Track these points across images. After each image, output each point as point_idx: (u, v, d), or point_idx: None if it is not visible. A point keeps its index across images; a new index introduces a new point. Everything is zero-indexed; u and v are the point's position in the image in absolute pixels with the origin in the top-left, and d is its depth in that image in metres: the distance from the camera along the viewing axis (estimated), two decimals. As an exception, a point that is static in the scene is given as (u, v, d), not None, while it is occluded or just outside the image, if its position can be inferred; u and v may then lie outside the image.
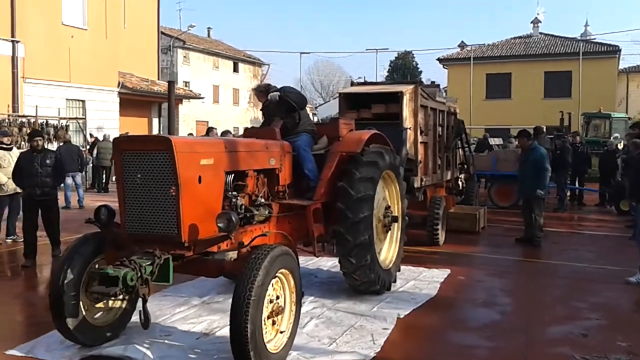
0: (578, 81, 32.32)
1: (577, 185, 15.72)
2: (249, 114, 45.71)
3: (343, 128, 6.78)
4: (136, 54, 25.35)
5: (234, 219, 4.58)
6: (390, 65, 40.84)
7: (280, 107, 6.77)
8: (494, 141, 19.26)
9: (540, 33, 36.97)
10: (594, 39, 32.53)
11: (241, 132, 41.23)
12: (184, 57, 38.04)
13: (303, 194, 6.35)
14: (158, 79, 27.33)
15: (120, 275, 4.23)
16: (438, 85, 12.58)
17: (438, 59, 36.71)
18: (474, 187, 13.02)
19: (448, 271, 7.85)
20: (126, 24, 23.86)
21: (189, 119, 36.82)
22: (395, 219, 7.04)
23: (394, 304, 6.37)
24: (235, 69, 43.66)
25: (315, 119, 69.50)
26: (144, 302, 4.45)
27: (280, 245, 4.79)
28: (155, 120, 27.30)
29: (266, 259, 4.41)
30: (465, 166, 12.66)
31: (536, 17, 36.85)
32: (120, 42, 23.55)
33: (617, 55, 33.33)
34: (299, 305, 4.92)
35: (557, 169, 12.90)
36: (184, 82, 37.31)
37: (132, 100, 24.50)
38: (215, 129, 12.37)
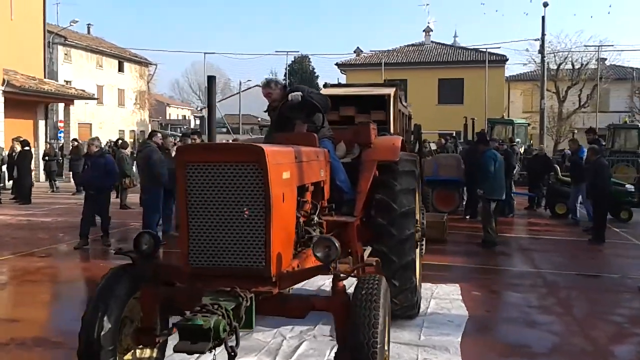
0: (469, 88, 33.83)
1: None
2: (135, 116, 43.03)
3: (373, 133, 6.03)
4: (19, 49, 22.57)
5: (337, 246, 3.70)
6: (286, 69, 40.29)
7: (301, 110, 5.92)
8: (433, 145, 19.31)
9: (432, 41, 38.31)
10: (485, 49, 34.11)
11: (127, 136, 38.62)
12: (65, 54, 34.95)
13: (336, 209, 5.54)
14: (45, 77, 24.61)
15: (212, 326, 3.22)
16: (400, 86, 12.13)
17: (336, 64, 36.76)
18: (427, 193, 12.81)
19: (457, 286, 7.38)
20: (13, 15, 21.17)
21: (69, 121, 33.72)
22: (424, 234, 6.44)
23: (436, 328, 5.75)
24: (121, 69, 40.92)
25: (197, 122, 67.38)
26: (232, 358, 3.43)
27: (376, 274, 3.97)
28: (41, 123, 24.54)
29: (381, 294, 3.59)
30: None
31: (428, 26, 38.16)
32: (4, 36, 20.85)
33: (504, 65, 35.32)
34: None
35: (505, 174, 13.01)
36: (65, 81, 34.15)
37: (17, 101, 21.79)
38: (158, 132, 11.03)
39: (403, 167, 5.81)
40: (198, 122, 68.69)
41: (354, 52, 38.40)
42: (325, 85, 10.48)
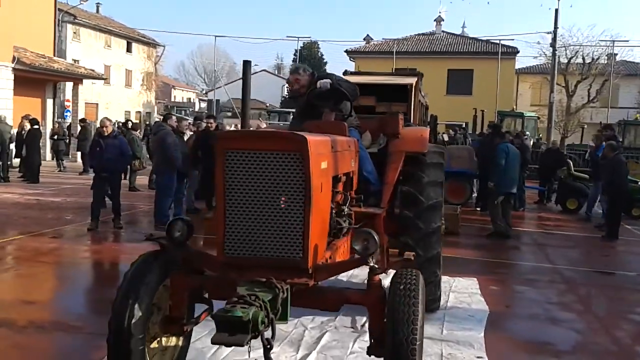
0: (479, 79, 33.61)
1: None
2: (141, 97, 42.88)
3: (401, 124, 5.93)
4: (29, 26, 22.41)
5: (375, 239, 3.63)
6: (295, 55, 40.10)
7: (329, 97, 5.83)
8: (445, 137, 19.20)
9: (443, 31, 38.03)
10: (497, 40, 33.83)
11: (133, 117, 38.48)
12: (74, 33, 34.71)
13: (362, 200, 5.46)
14: (54, 56, 24.47)
15: (251, 318, 3.16)
16: (421, 75, 11.98)
17: (346, 51, 36.54)
18: None
19: (475, 280, 7.33)
20: (22, -9, 20.99)
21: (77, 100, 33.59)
22: (447, 228, 6.37)
23: (458, 323, 5.70)
24: (129, 49, 40.67)
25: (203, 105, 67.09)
26: (268, 351, 3.38)
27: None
28: (49, 102, 24.43)
29: (419, 289, 3.52)
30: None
31: (439, 16, 37.88)
32: (15, 12, 20.69)
33: (514, 57, 35.07)
34: None
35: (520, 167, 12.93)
36: (73, 60, 33.95)
37: (26, 79, 21.66)
38: (173, 115, 10.93)
39: (431, 159, 5.73)
40: (204, 105, 68.56)
41: (364, 39, 38.16)
42: (345, 73, 10.32)
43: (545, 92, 36.91)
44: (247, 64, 4.52)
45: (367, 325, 5.45)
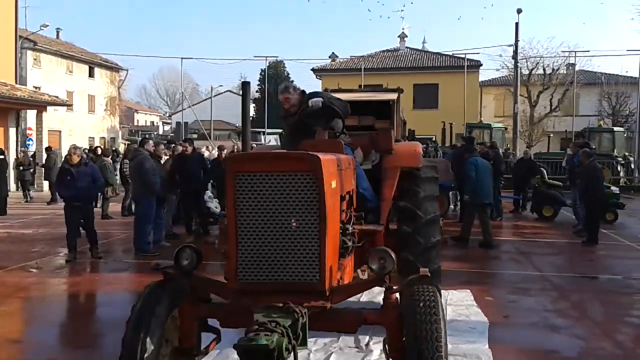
0: (444, 93, 34.10)
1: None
2: (105, 122, 42.06)
3: (393, 139, 5.91)
4: (-11, 54, 21.89)
5: (393, 258, 3.57)
6: (261, 75, 40.00)
7: (321, 116, 5.80)
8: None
9: (407, 47, 38.52)
10: (462, 54, 34.32)
11: (97, 142, 37.58)
12: (35, 59, 33.92)
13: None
14: (16, 83, 23.89)
15: (275, 346, 3.05)
16: (401, 90, 12.03)
17: (312, 69, 36.65)
18: None
19: (469, 291, 7.33)
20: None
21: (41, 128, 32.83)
22: (445, 240, 6.36)
23: (460, 336, 5.64)
24: (91, 74, 39.92)
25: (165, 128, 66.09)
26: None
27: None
28: (12, 130, 23.80)
29: (439, 305, 3.47)
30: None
31: (402, 32, 38.34)
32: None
33: (478, 70, 35.70)
34: None
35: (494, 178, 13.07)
36: (34, 87, 33.21)
37: (-13, 107, 21.10)
38: (150, 140, 10.73)
39: (425, 173, 5.73)
40: (167, 128, 67.71)
41: (329, 57, 38.32)
42: (326, 91, 10.34)
43: (508, 103, 37.64)
44: (246, 85, 4.44)
45: (371, 344, 5.41)
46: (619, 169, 23.70)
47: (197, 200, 12.00)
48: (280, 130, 30.91)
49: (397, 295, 3.65)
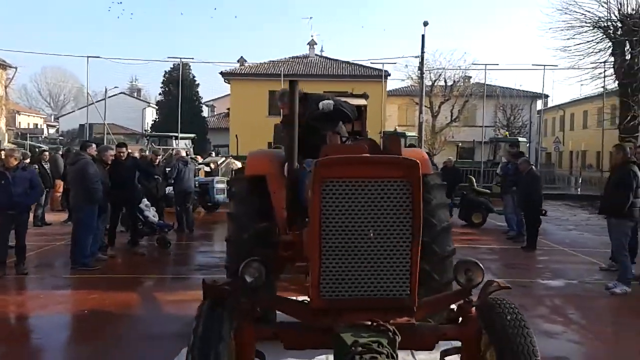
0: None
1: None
2: (-10, 125, 38.72)
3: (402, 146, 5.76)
4: None
5: (482, 269, 3.41)
6: (164, 77, 38.51)
7: (331, 119, 5.58)
8: None
9: (316, 55, 38.72)
10: (382, 63, 34.92)
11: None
12: None
13: None
14: None
15: None
16: (367, 96, 11.76)
17: (221, 73, 35.83)
18: None
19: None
20: None
21: None
22: None
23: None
24: (-25, 72, 36.58)
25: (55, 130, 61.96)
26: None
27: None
28: None
29: (524, 316, 3.37)
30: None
31: (312, 39, 38.51)
32: None
33: (386, 80, 36.58)
34: None
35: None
36: None
37: None
38: (92, 143, 9.83)
39: (434, 180, 5.62)
40: (52, 131, 63.35)
41: (238, 61, 37.71)
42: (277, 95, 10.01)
43: (411, 113, 38.96)
44: (293, 84, 4.10)
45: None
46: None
47: (132, 209, 11.17)
48: (192, 135, 29.95)
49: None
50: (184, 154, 15.74)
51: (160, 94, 41.11)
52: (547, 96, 36.56)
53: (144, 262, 10.26)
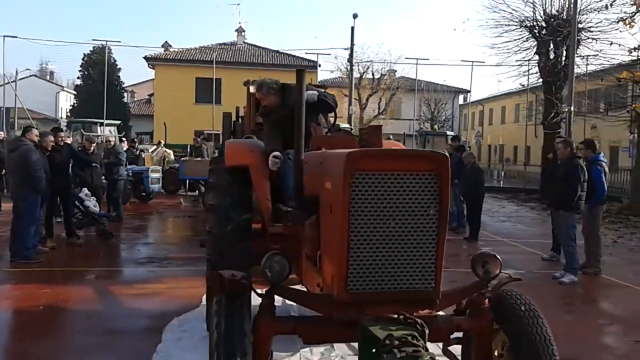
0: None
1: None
2: None
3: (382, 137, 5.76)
4: None
5: (499, 261, 3.48)
6: (84, 60, 36.72)
7: (315, 110, 5.52)
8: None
9: (245, 42, 38.20)
10: (304, 53, 34.91)
11: None
12: None
13: None
14: None
15: None
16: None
17: (145, 57, 34.62)
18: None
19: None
20: None
21: None
22: None
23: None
24: None
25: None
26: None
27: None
28: None
29: (536, 306, 3.48)
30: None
31: (240, 26, 37.94)
32: None
33: (316, 71, 36.65)
34: None
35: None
36: None
37: None
38: (34, 128, 9.15)
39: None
40: None
41: (162, 46, 36.57)
42: (247, 83, 9.81)
43: (339, 105, 39.27)
44: (300, 72, 4.00)
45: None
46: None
47: (67, 198, 10.57)
48: (118, 122, 28.75)
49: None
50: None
51: (78, 77, 39.25)
52: (469, 91, 37.87)
53: (87, 254, 9.79)
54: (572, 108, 16.56)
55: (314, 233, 3.72)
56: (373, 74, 38.29)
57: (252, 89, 6.73)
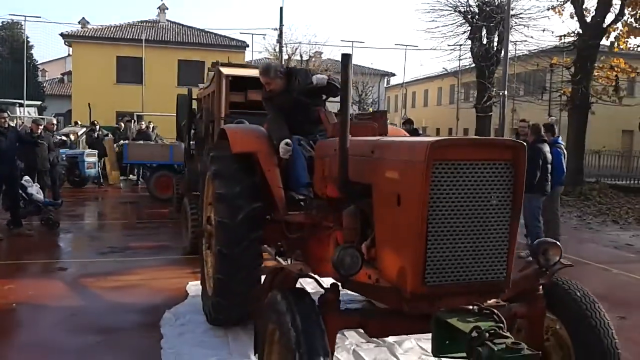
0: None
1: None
2: None
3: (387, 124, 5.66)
4: None
5: (561, 249, 3.51)
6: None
7: (322, 94, 5.40)
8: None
9: (168, 20, 36.79)
10: (239, 33, 34.09)
11: None
12: None
13: None
14: None
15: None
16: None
17: (61, 34, 32.57)
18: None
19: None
20: None
21: None
22: None
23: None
24: None
25: None
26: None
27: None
28: None
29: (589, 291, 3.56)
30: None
31: (163, 4, 36.45)
32: None
33: (244, 50, 35.93)
34: None
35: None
36: None
37: None
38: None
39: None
40: None
41: (79, 22, 34.61)
42: (215, 64, 9.41)
43: (267, 86, 38.81)
44: (346, 57, 3.82)
45: (390, 338, 5.13)
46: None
47: (12, 185, 9.83)
48: (39, 103, 26.99)
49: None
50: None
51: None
52: (394, 74, 38.50)
53: (40, 245, 9.18)
54: (506, 92, 17.14)
55: (355, 223, 3.62)
56: (301, 56, 38.02)
57: (256, 72, 6.36)
